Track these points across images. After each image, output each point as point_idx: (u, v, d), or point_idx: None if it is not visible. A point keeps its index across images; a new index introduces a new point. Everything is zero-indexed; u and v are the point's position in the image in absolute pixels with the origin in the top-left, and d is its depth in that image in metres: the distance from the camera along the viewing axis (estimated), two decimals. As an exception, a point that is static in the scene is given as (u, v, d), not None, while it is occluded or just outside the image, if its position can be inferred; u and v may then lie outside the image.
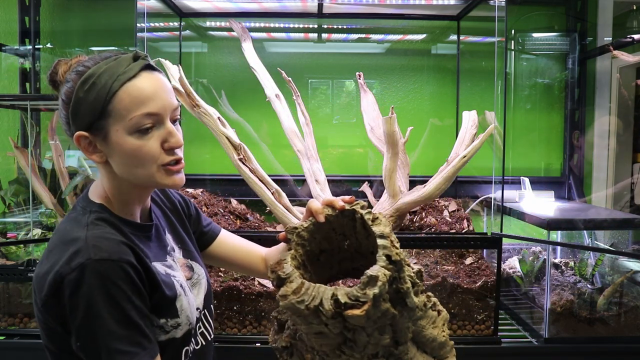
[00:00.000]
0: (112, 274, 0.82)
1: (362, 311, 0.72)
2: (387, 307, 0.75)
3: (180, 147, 0.93)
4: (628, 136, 2.50)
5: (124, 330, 0.82)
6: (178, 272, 0.99)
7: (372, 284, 0.73)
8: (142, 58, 0.90)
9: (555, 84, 2.62)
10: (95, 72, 0.86)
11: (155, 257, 0.95)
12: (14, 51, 2.41)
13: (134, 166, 0.89)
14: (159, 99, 0.88)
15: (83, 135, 0.89)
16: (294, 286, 0.77)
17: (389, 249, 0.77)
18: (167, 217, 1.09)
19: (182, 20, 2.54)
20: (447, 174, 1.87)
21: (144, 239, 0.96)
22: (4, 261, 1.86)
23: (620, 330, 1.76)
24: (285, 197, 1.92)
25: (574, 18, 2.56)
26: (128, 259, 0.84)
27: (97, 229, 0.87)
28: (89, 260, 0.81)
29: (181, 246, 1.07)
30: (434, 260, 1.93)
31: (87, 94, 0.86)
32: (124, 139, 0.87)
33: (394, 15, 2.53)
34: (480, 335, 1.75)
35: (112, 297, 0.81)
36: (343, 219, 0.90)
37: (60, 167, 2.05)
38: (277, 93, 2.11)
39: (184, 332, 0.94)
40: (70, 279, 0.81)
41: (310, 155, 2.04)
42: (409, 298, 0.78)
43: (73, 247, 0.83)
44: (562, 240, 1.97)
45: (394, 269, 0.76)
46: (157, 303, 0.90)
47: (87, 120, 0.87)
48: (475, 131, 1.99)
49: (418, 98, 2.61)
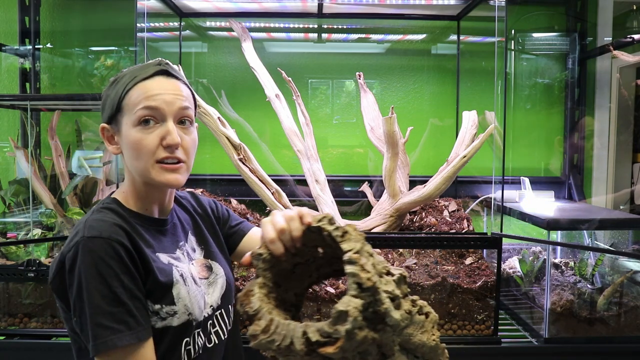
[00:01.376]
0: (101, 251, 0.87)
1: (336, 348, 0.69)
2: (365, 335, 0.70)
3: (177, 146, 0.96)
4: (628, 136, 2.50)
5: (109, 306, 0.85)
6: (184, 265, 1.01)
7: (343, 319, 0.69)
8: (161, 65, 0.99)
9: (555, 84, 2.62)
10: (121, 74, 0.99)
11: (162, 249, 0.99)
12: (14, 51, 2.41)
13: (134, 158, 0.96)
14: (161, 96, 0.95)
15: (105, 127, 1.00)
16: (263, 324, 0.75)
17: (358, 276, 0.71)
18: (195, 220, 1.14)
19: (182, 20, 2.54)
20: (447, 174, 1.87)
21: (155, 232, 1.01)
22: (4, 261, 1.86)
23: (620, 330, 1.76)
24: (285, 197, 1.92)
25: (574, 18, 2.56)
26: (118, 239, 0.89)
27: (99, 214, 0.95)
28: (82, 238, 0.87)
29: (204, 247, 1.11)
30: (434, 260, 1.93)
31: (111, 91, 0.98)
32: (130, 131, 0.95)
33: (394, 15, 2.53)
34: (480, 335, 1.75)
35: (100, 274, 0.85)
36: (311, 234, 0.85)
37: (60, 167, 2.05)
38: (277, 93, 2.11)
39: (181, 322, 0.95)
40: (68, 257, 0.88)
41: (310, 155, 2.04)
42: (389, 317, 0.73)
43: (76, 230, 0.91)
44: (562, 240, 1.97)
45: (368, 295, 0.71)
46: (151, 288, 0.93)
47: (108, 114, 0.98)
48: (475, 131, 1.99)
49: (418, 98, 2.61)
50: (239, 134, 1.93)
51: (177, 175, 0.97)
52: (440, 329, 1.74)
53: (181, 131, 0.98)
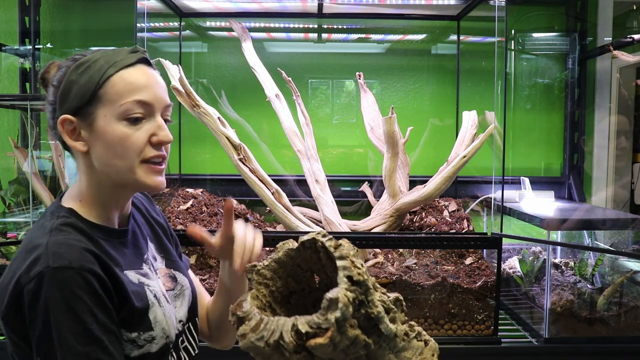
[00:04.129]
0: (72, 284, 0.75)
1: (326, 338, 0.66)
2: (357, 334, 0.68)
3: (169, 144, 0.89)
4: (628, 136, 2.50)
5: (83, 346, 0.75)
6: (154, 282, 0.92)
7: (333, 307, 0.66)
8: (140, 52, 0.88)
9: (555, 84, 2.62)
10: (91, 58, 0.85)
11: (128, 265, 0.88)
12: (14, 51, 2.41)
13: (116, 156, 0.84)
14: (152, 90, 0.86)
15: (69, 119, 0.84)
16: (253, 323, 0.72)
17: (349, 269, 0.70)
18: (151, 225, 1.03)
19: (182, 20, 2.54)
20: (447, 174, 1.88)
21: (118, 244, 0.89)
22: (4, 261, 1.86)
23: (620, 330, 1.76)
24: (285, 197, 1.92)
25: (574, 18, 2.56)
26: (91, 267, 0.78)
27: (61, 234, 0.81)
28: (47, 268, 0.75)
29: (164, 255, 1.01)
30: (434, 260, 1.93)
31: (80, 77, 0.83)
32: (111, 125, 0.83)
33: (394, 15, 2.53)
34: (480, 335, 1.75)
35: (71, 310, 0.75)
36: (305, 251, 0.82)
37: (60, 167, 2.05)
38: (277, 93, 2.11)
39: (159, 346, 0.87)
40: (28, 289, 0.75)
41: (310, 155, 2.04)
42: (382, 324, 0.71)
43: (34, 254, 0.77)
44: (562, 240, 1.97)
45: (358, 291, 0.69)
46: (126, 315, 0.83)
47: (76, 104, 0.84)
48: (475, 131, 1.99)
49: (418, 98, 2.61)
50: (239, 134, 1.93)
51: (162, 179, 0.89)
52: (441, 329, 1.74)
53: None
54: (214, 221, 2.05)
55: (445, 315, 1.74)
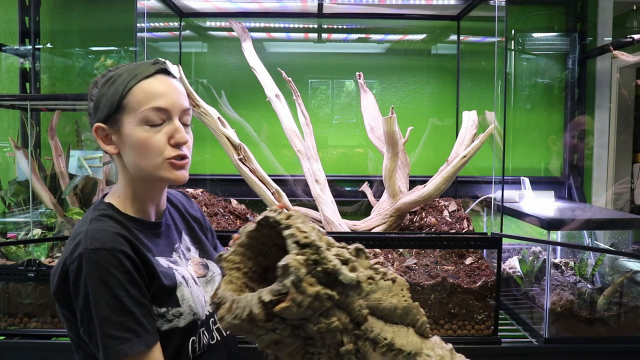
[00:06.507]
0: (106, 262, 0.88)
1: (288, 301, 0.71)
2: (317, 290, 0.73)
3: (186, 144, 1.00)
4: (628, 136, 2.50)
5: (116, 316, 0.87)
6: (183, 268, 1.05)
7: (286, 272, 0.72)
8: (160, 64, 1.01)
9: (555, 84, 2.62)
10: (117, 73, 0.99)
11: (160, 253, 1.02)
12: (14, 51, 2.41)
13: (141, 157, 0.97)
14: (169, 97, 0.98)
15: (101, 126, 0.99)
16: (227, 305, 0.77)
17: (294, 235, 0.76)
18: (186, 220, 1.17)
19: (182, 20, 2.54)
20: (447, 174, 1.87)
21: (151, 235, 1.03)
22: (4, 261, 1.86)
23: (620, 330, 1.76)
24: (285, 197, 1.92)
25: (574, 18, 2.56)
26: (121, 249, 0.91)
27: (98, 223, 0.95)
28: (85, 250, 0.89)
29: (198, 247, 1.15)
30: (434, 260, 1.93)
31: (108, 90, 0.97)
32: (134, 130, 0.96)
33: (394, 15, 2.53)
34: (480, 335, 1.75)
35: (105, 284, 0.87)
36: (263, 229, 0.88)
37: (60, 167, 2.05)
38: (277, 93, 2.11)
39: (187, 322, 0.99)
40: (72, 269, 0.89)
41: (310, 155, 2.04)
42: (341, 275, 0.75)
43: (76, 240, 0.92)
44: (562, 240, 1.97)
45: (309, 252, 0.74)
46: (156, 292, 0.95)
47: (106, 113, 0.98)
48: (475, 131, 1.99)
49: (418, 98, 2.61)
50: (239, 134, 1.93)
51: (185, 172, 1.01)
52: (441, 329, 1.74)
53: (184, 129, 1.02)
54: (214, 221, 2.05)
55: (445, 315, 1.74)
